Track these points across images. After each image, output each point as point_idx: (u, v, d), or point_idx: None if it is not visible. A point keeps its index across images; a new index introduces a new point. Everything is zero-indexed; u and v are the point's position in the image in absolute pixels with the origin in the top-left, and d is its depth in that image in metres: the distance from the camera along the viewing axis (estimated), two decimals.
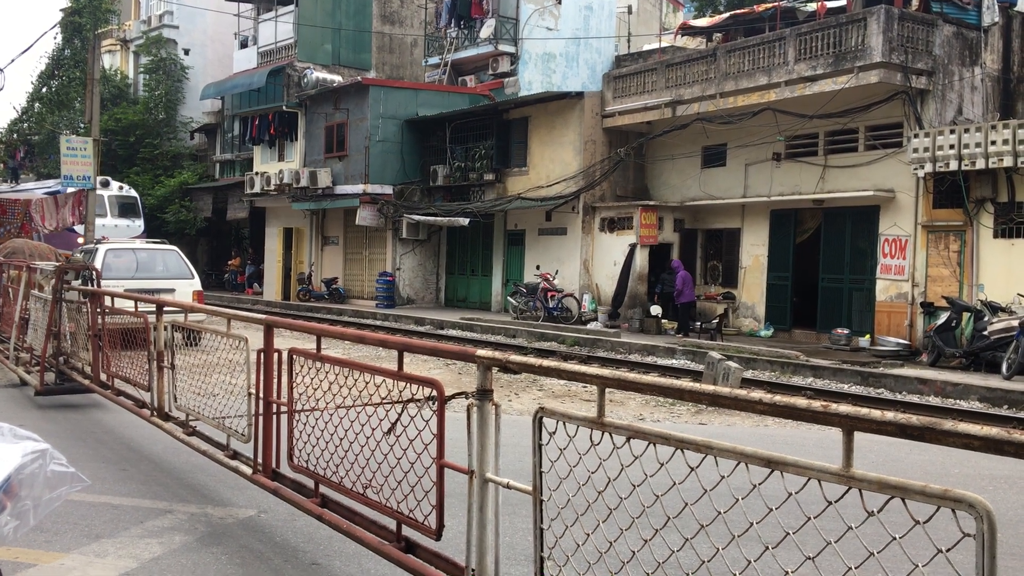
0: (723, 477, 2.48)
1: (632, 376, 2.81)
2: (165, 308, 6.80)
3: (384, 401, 3.91)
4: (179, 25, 40.10)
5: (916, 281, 17.53)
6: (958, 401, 12.69)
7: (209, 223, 37.22)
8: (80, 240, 25.14)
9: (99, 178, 29.53)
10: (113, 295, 8.44)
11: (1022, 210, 16.06)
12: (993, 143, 15.58)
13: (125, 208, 30.06)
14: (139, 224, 30.39)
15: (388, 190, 27.13)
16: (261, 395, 4.97)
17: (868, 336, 17.86)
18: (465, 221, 25.03)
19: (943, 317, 15.71)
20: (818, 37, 18.02)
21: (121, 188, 30.27)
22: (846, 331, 18.16)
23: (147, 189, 35.18)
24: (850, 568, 2.20)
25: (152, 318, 6.76)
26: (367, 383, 4.08)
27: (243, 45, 35.20)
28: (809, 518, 2.28)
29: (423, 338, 19.02)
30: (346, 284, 29.85)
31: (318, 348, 4.55)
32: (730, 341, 18.54)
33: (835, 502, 2.21)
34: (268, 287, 33.54)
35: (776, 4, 22.53)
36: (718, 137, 21.12)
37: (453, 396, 3.68)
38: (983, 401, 12.60)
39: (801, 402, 2.28)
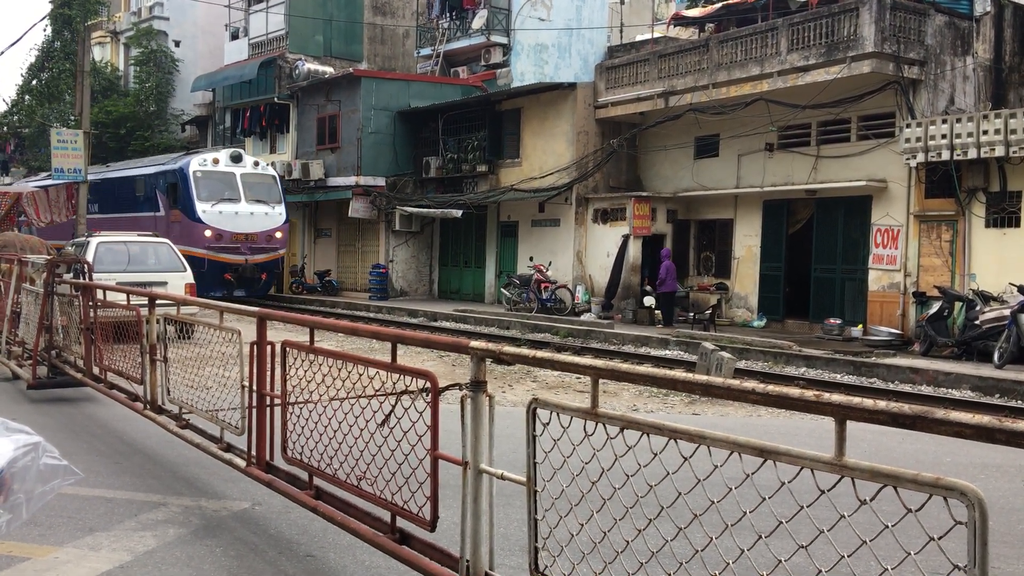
0: (716, 467, 2.48)
1: (625, 367, 2.82)
2: (157, 301, 6.78)
3: (378, 393, 3.90)
4: (169, 17, 39.92)
5: (908, 271, 17.58)
6: (950, 390, 12.74)
7: None
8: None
9: (229, 150, 24.39)
10: (105, 288, 8.41)
11: (1014, 200, 16.10)
12: (985, 133, 15.61)
13: (262, 190, 24.20)
14: (280, 212, 24.35)
15: (381, 182, 27.06)
16: (254, 388, 4.96)
17: (860, 326, 17.91)
18: (458, 213, 25.01)
19: (935, 307, 15.75)
20: (810, 27, 18.01)
21: (256, 164, 24.44)
22: (839, 321, 18.20)
23: None
24: (843, 556, 2.21)
25: (144, 311, 6.74)
26: (361, 375, 4.07)
27: (234, 37, 35.05)
28: (802, 507, 2.29)
29: (416, 330, 19.01)
30: (339, 276, 29.80)
31: (311, 340, 4.54)
32: (723, 331, 18.58)
33: (828, 491, 2.22)
34: None
35: None
36: (711, 128, 21.12)
37: (447, 388, 3.69)
38: (975, 390, 12.65)
39: (794, 392, 2.29)
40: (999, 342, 13.84)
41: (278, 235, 24.38)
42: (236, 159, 23.96)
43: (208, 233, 22.97)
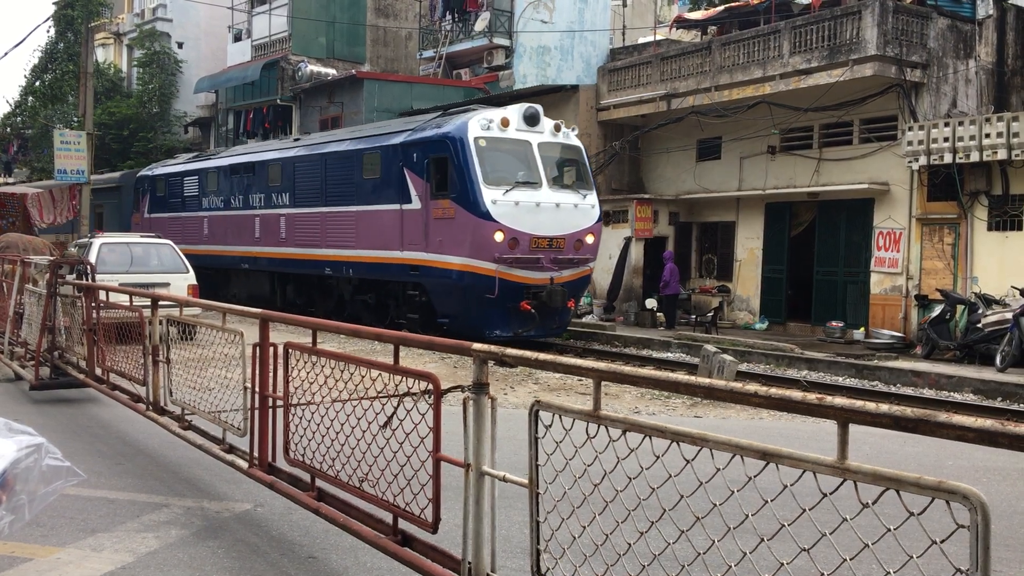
0: (718, 469, 2.48)
1: (628, 369, 2.82)
2: (160, 302, 6.78)
3: (380, 395, 3.91)
4: (172, 18, 39.97)
5: (910, 274, 17.57)
6: (952, 393, 12.73)
7: None
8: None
9: (521, 107, 15.89)
10: (108, 289, 8.43)
11: (1016, 203, 16.10)
12: (987, 136, 15.60)
13: (567, 170, 16.22)
14: (592, 203, 16.14)
15: None
16: (257, 389, 4.96)
17: (862, 329, 17.90)
18: None
19: (937, 310, 15.75)
20: (813, 30, 18.02)
21: (558, 129, 16.08)
22: (840, 324, 18.19)
23: None
24: (845, 560, 2.21)
25: (147, 312, 6.75)
26: (363, 377, 4.08)
27: (237, 38, 35.09)
28: (804, 510, 2.29)
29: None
30: None
31: (314, 342, 4.55)
32: (725, 334, 18.57)
33: (830, 494, 2.22)
34: None
35: None
36: (713, 130, 21.12)
37: (449, 390, 3.69)
38: (977, 393, 12.64)
39: (796, 395, 2.29)
40: (1001, 345, 13.83)
41: (589, 239, 15.97)
42: (532, 120, 15.66)
43: (499, 237, 14.73)
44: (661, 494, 2.68)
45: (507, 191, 14.97)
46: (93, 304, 8.34)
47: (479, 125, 15.30)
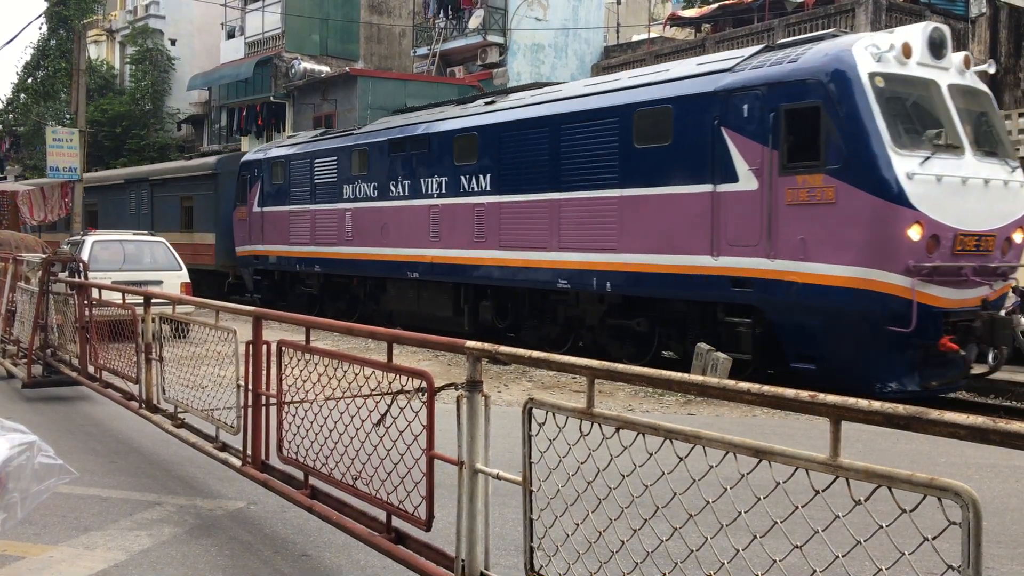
0: (711, 467, 2.49)
1: (621, 367, 2.82)
2: (153, 300, 6.77)
3: (374, 393, 3.91)
4: (165, 15, 39.91)
5: None
6: None
7: None
8: None
9: (924, 27, 10.57)
10: (100, 287, 8.41)
11: None
12: None
13: (975, 126, 10.46)
14: (1019, 177, 10.49)
15: None
16: (250, 387, 4.96)
17: None
18: None
19: None
20: (807, 28, 18.04)
21: (968, 66, 10.96)
22: None
23: None
24: (837, 556, 2.21)
25: (140, 310, 6.74)
26: (356, 375, 4.08)
27: (230, 35, 35.05)
28: (797, 507, 2.30)
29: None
30: None
31: (307, 340, 4.54)
32: None
33: (822, 491, 2.23)
34: None
35: None
36: None
37: (443, 387, 3.69)
38: (970, 390, 12.65)
39: (789, 392, 2.30)
40: None
41: (1018, 237, 10.52)
42: (937, 49, 10.46)
43: (915, 233, 9.46)
44: (654, 491, 2.69)
45: (924, 160, 9.57)
46: (86, 302, 8.32)
47: (870, 55, 9.85)
